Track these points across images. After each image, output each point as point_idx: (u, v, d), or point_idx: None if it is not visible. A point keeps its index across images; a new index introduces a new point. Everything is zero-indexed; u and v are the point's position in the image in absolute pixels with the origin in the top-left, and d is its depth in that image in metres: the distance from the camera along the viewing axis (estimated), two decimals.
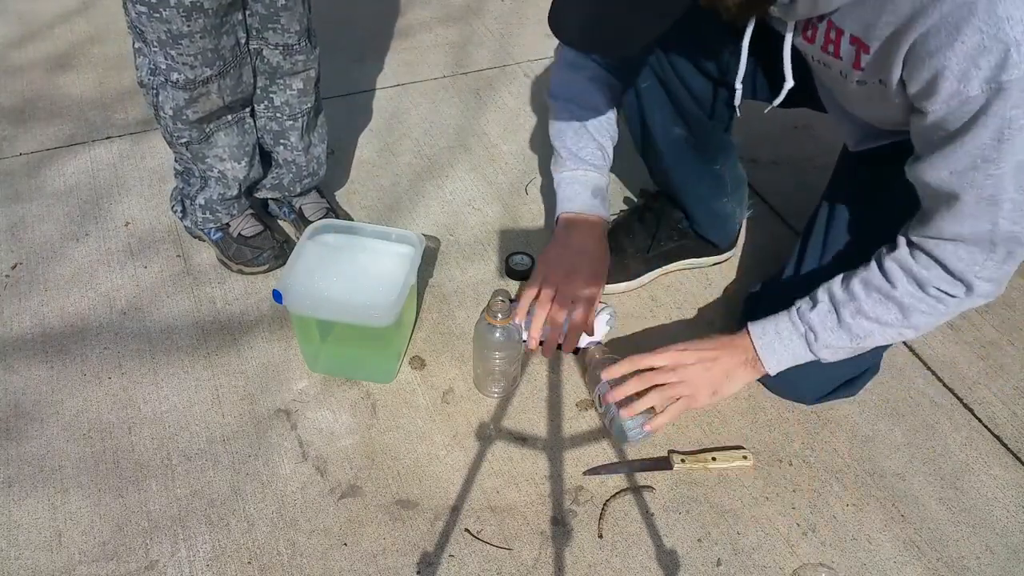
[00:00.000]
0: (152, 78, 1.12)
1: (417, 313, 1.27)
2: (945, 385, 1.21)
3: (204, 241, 1.35)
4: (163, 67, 1.09)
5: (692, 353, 1.02)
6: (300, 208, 1.39)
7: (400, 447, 1.10)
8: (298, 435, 1.10)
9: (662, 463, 1.07)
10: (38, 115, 1.67)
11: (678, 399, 1.01)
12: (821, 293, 0.98)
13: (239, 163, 1.25)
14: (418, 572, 0.97)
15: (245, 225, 1.32)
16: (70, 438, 1.09)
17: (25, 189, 1.48)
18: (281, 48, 1.16)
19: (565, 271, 1.13)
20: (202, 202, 1.29)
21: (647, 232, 1.31)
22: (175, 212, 1.36)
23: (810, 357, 1.00)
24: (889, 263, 0.93)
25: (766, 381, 1.17)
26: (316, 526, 1.00)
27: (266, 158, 1.32)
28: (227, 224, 1.32)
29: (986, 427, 1.15)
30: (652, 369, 1.02)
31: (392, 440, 1.10)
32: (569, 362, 1.21)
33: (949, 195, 0.83)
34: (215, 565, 0.96)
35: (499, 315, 1.05)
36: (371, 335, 1.10)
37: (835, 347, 0.98)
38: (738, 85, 1.02)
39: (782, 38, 0.91)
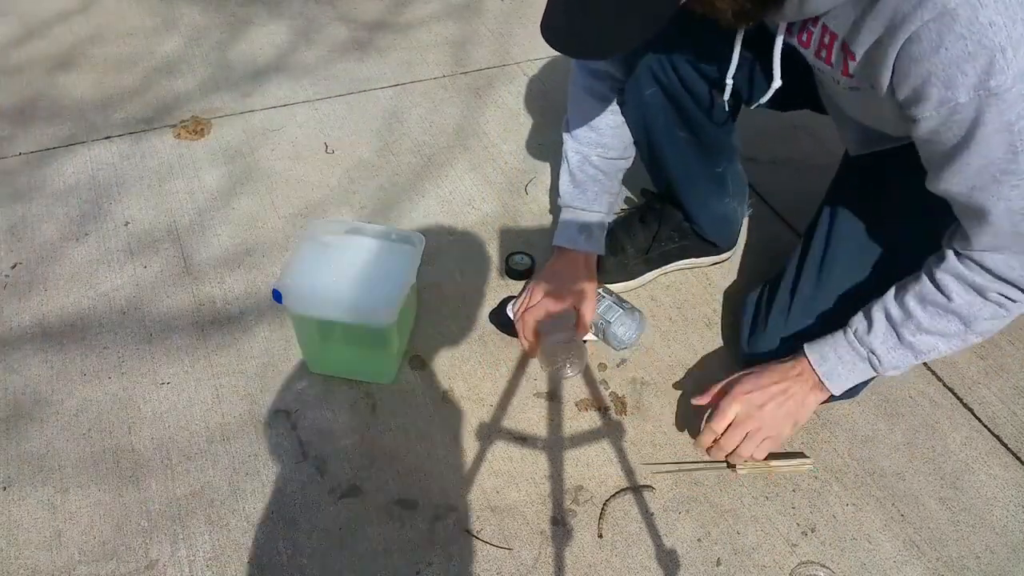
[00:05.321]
0: None
1: (417, 313, 1.27)
2: (945, 385, 1.21)
3: None
4: None
5: (760, 393, 1.00)
6: None
7: (400, 447, 1.10)
8: (298, 435, 1.10)
9: (723, 462, 1.07)
10: (38, 115, 1.67)
11: (763, 441, 1.01)
12: (876, 312, 0.96)
13: None
14: (418, 572, 0.97)
15: None
16: (70, 438, 1.09)
17: (25, 189, 1.48)
18: None
19: (547, 291, 1.18)
20: None
21: (648, 232, 1.31)
22: None
23: (874, 375, 0.99)
24: (941, 275, 0.91)
25: None
26: (316, 526, 1.01)
27: None
28: None
29: (986, 427, 1.15)
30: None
31: (392, 440, 1.10)
32: None
33: (978, 210, 0.82)
34: (215, 565, 0.96)
35: (569, 371, 1.13)
36: (371, 335, 1.10)
37: (901, 366, 0.97)
38: (728, 80, 1.02)
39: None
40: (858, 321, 0.98)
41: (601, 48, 0.79)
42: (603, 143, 1.19)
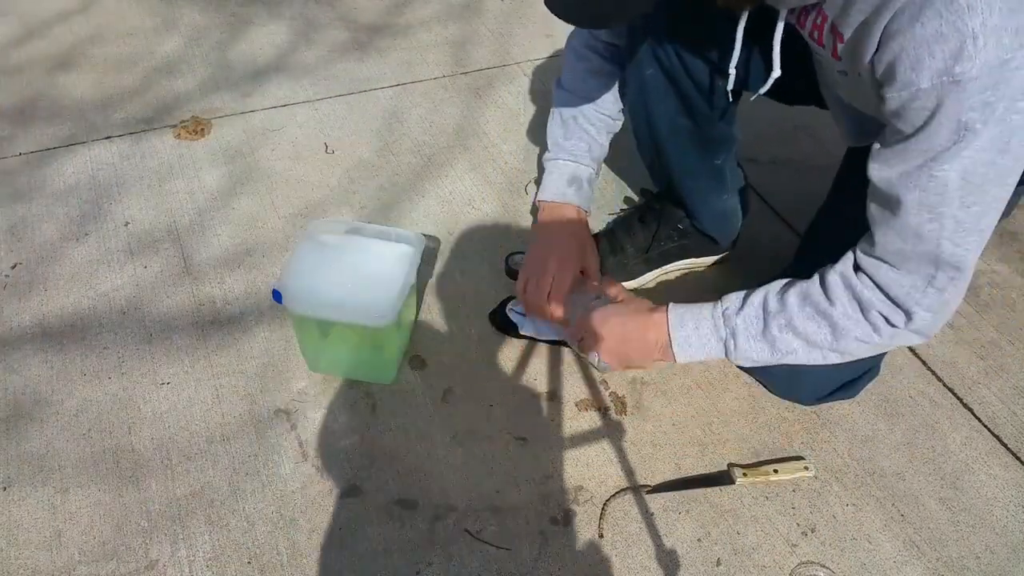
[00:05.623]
0: None
1: (417, 313, 1.27)
2: (945, 385, 1.21)
3: None
4: None
5: (606, 328, 1.03)
6: None
7: (400, 447, 1.10)
8: (298, 435, 1.10)
9: (723, 478, 1.07)
10: (38, 115, 1.67)
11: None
12: (754, 297, 0.95)
13: None
14: (418, 572, 0.97)
15: None
16: (70, 438, 1.09)
17: (25, 189, 1.48)
18: None
19: (541, 262, 1.16)
20: None
21: (648, 232, 1.31)
22: None
23: (723, 358, 0.98)
24: (832, 277, 0.90)
25: (765, 382, 1.17)
26: (316, 526, 1.01)
27: None
28: None
29: (986, 427, 1.15)
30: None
31: (392, 440, 1.10)
32: (569, 362, 1.21)
33: (894, 200, 0.81)
34: (215, 565, 0.96)
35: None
36: (371, 335, 1.10)
37: (753, 359, 0.95)
38: (731, 70, 1.02)
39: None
40: (732, 299, 0.97)
41: (599, 17, 0.79)
42: (597, 97, 1.20)
